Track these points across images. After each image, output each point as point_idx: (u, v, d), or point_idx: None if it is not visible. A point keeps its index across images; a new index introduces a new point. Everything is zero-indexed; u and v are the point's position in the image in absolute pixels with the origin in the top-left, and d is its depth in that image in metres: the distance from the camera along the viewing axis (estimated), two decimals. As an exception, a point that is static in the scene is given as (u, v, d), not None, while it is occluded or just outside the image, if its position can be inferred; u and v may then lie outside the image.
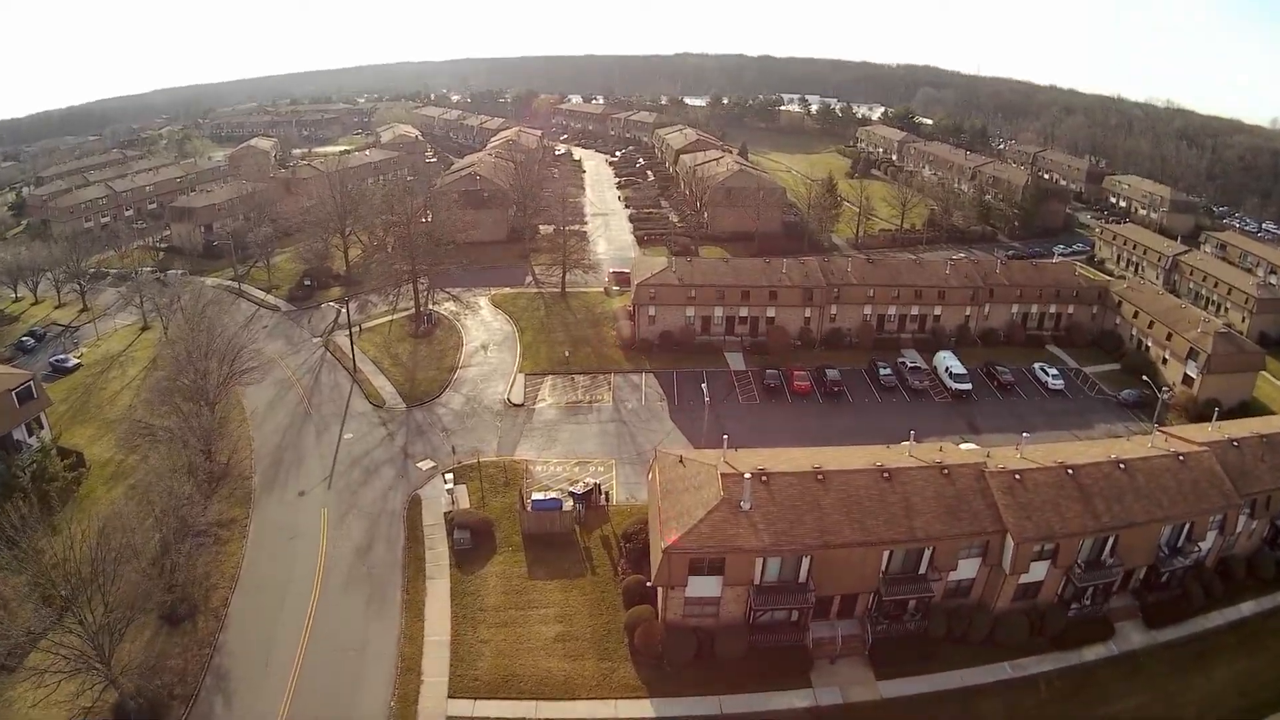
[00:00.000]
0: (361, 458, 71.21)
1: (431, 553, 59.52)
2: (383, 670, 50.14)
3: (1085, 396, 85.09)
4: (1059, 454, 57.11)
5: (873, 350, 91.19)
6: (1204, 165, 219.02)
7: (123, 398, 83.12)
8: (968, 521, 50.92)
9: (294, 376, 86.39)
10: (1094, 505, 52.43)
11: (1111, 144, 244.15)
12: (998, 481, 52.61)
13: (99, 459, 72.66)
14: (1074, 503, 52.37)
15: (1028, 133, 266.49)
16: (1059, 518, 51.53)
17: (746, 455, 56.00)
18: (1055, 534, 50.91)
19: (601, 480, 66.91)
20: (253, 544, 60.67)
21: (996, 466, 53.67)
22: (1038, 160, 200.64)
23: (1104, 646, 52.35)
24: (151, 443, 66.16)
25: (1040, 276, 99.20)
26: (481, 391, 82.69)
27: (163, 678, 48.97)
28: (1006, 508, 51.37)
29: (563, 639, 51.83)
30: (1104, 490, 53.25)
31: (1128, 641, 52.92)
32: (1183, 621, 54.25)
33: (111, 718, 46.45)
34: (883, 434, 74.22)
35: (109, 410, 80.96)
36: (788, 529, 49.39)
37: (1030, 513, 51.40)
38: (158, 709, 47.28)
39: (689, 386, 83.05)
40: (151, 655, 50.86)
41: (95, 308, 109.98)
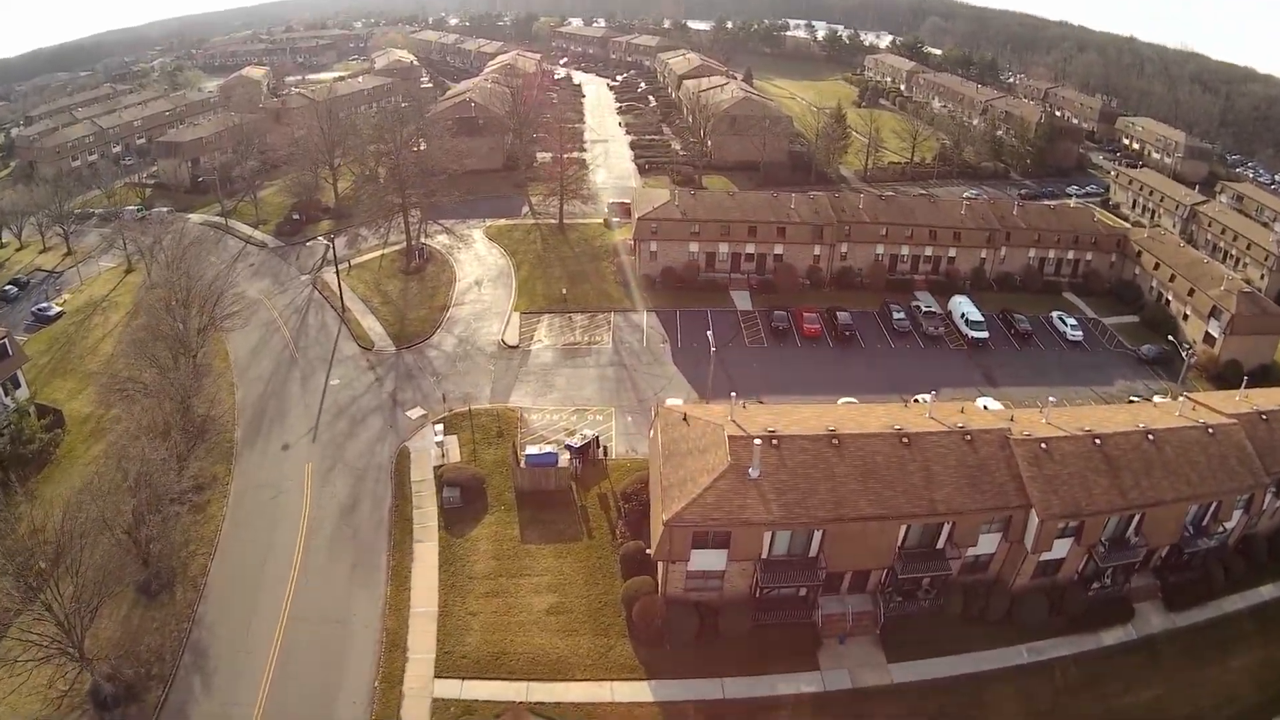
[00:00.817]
0: (348, 406, 65.38)
1: (419, 512, 54.22)
2: (367, 645, 45.52)
3: (1104, 350, 78.79)
4: (1085, 419, 51.30)
5: (885, 292, 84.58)
6: (1217, 111, 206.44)
7: (104, 346, 76.86)
8: (991, 494, 45.39)
9: (280, 318, 79.96)
10: (1121, 480, 46.84)
11: (1124, 84, 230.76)
12: (1023, 450, 46.91)
13: (78, 415, 66.95)
14: (1101, 476, 46.74)
15: (1038, 68, 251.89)
16: (1085, 493, 46.04)
17: (755, 412, 50.17)
18: (1081, 511, 45.56)
19: (600, 432, 61.19)
20: (234, 505, 55.48)
21: (1021, 433, 47.86)
22: (1049, 97, 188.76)
23: (1123, 630, 47.71)
24: (128, 399, 60.36)
25: (1058, 221, 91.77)
26: (474, 332, 76.32)
27: (139, 656, 44.32)
28: (1032, 480, 45.79)
29: (556, 611, 46.88)
30: (1132, 463, 47.58)
31: (1147, 625, 48.23)
32: (1203, 604, 49.32)
33: (89, 703, 41.95)
34: (896, 383, 68.84)
35: (90, 361, 74.78)
36: (799, 500, 43.77)
37: (1056, 486, 45.87)
38: (135, 691, 42.89)
39: (693, 327, 76.79)
40: (128, 632, 46.26)
41: (80, 251, 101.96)
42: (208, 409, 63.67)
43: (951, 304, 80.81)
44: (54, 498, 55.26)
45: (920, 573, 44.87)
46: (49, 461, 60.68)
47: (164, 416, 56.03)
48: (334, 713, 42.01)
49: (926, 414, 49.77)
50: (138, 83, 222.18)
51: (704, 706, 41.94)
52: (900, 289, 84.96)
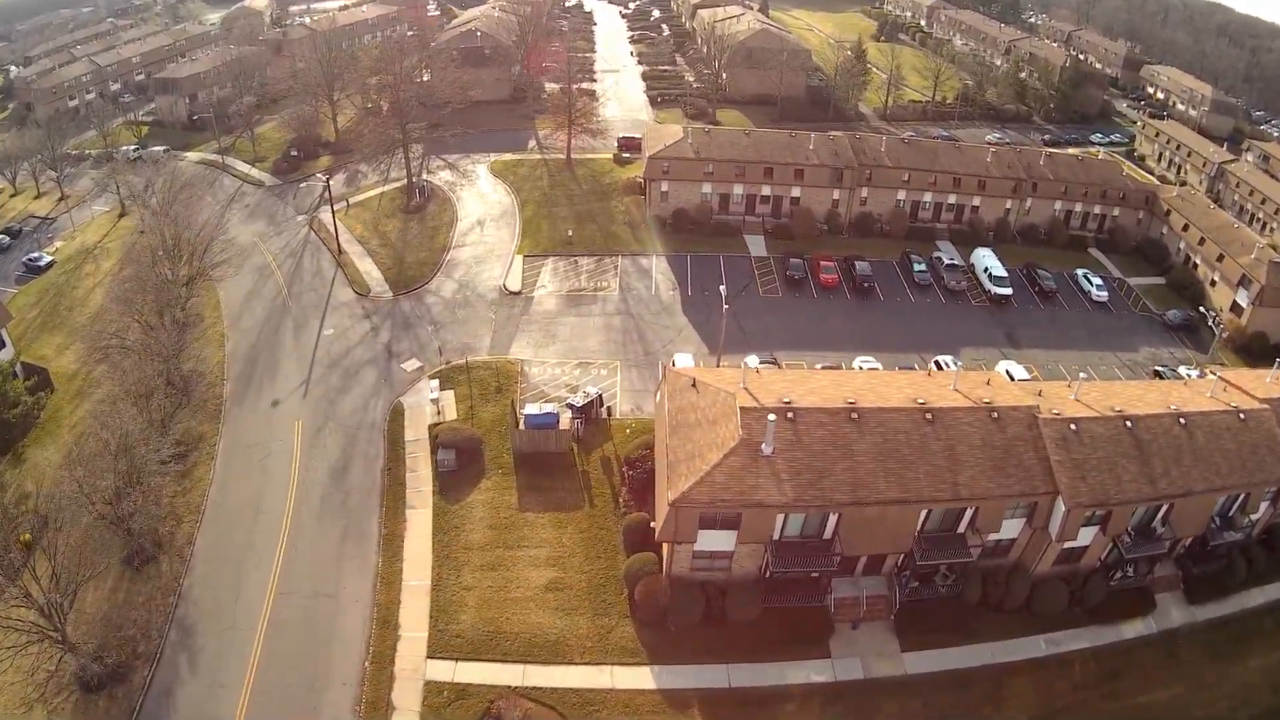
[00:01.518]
0: (341, 358, 60.79)
1: (413, 475, 50.21)
2: (357, 621, 42.28)
3: (1129, 313, 73.07)
4: (1115, 396, 46.30)
5: (905, 240, 78.48)
6: (1243, 66, 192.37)
7: (94, 298, 71.60)
8: (1017, 479, 40.97)
9: (274, 262, 74.67)
10: (1151, 467, 42.32)
11: (1148, 31, 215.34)
12: (1052, 431, 42.20)
13: (65, 372, 62.60)
14: (1131, 462, 42.20)
15: (1061, 9, 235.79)
16: (1115, 480, 41.57)
17: (769, 378, 45.32)
18: (1110, 500, 41.19)
19: (604, 388, 56.64)
20: (221, 467, 51.56)
21: (1050, 412, 43.06)
22: (1072, 40, 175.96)
23: (1143, 623, 44.07)
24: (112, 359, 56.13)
25: (1086, 173, 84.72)
26: (475, 276, 70.99)
27: (125, 634, 41.19)
28: (1060, 464, 41.27)
29: (555, 588, 43.19)
30: (1162, 449, 42.96)
31: (1167, 618, 44.49)
32: (1225, 598, 45.45)
33: (75, 687, 39.01)
34: (916, 341, 63.90)
35: (79, 313, 69.89)
36: (815, 480, 39.31)
37: (1085, 472, 41.38)
38: (121, 672, 39.87)
39: (704, 273, 71.39)
40: (114, 606, 43.17)
41: (73, 196, 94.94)
42: (195, 364, 59.14)
43: (974, 257, 74.93)
44: (42, 462, 51.68)
45: (940, 559, 40.86)
46: (34, 425, 56.61)
47: (147, 379, 51.60)
48: (323, 696, 38.97)
49: (950, 385, 44.83)
50: (139, 17, 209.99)
51: (708, 696, 38.61)
52: (921, 237, 78.90)
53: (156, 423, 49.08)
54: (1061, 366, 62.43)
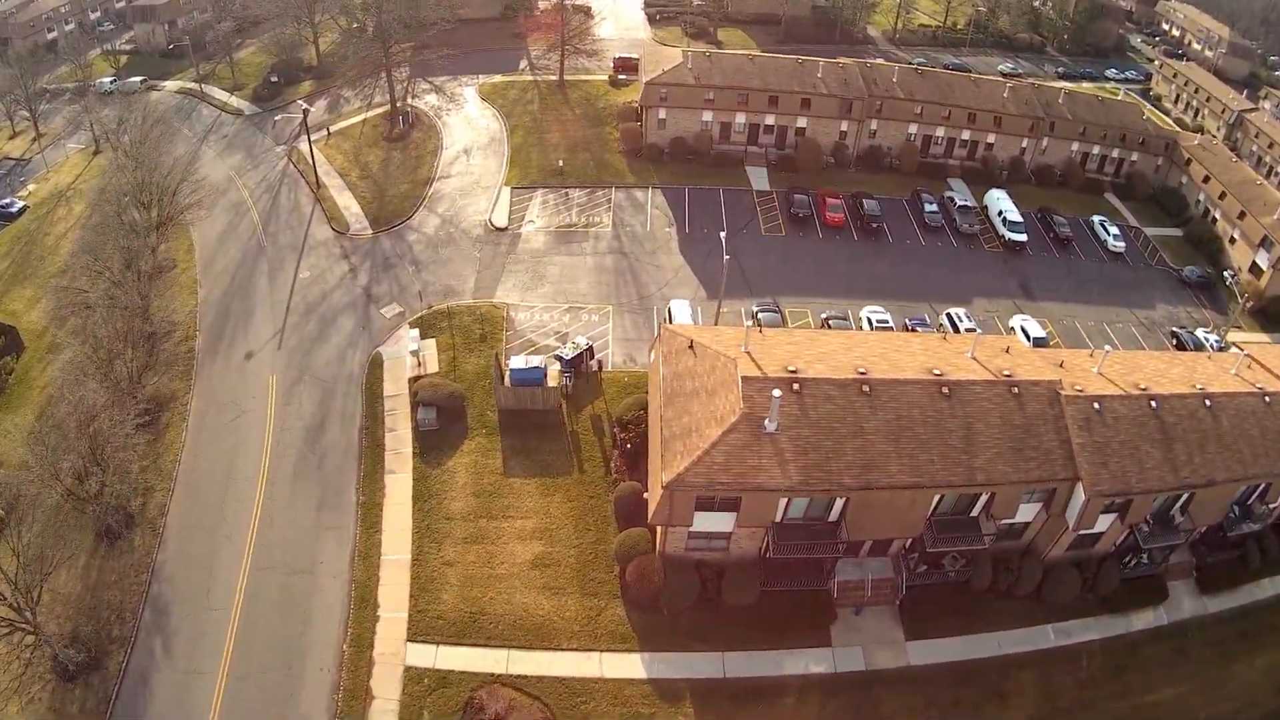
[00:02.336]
0: (318, 304, 55.26)
1: (392, 435, 45.69)
2: (335, 600, 38.66)
3: (1146, 266, 67.50)
4: (1139, 370, 41.71)
5: (915, 177, 71.81)
6: (1259, 9, 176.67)
7: (65, 244, 64.76)
8: (1036, 463, 36.74)
9: (250, 198, 67.75)
10: (1175, 453, 38.12)
11: None
12: (1074, 410, 37.69)
13: (36, 328, 56.60)
14: (1155, 447, 37.95)
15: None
16: (1137, 467, 37.39)
17: (773, 340, 40.27)
18: (1131, 488, 37.13)
19: (595, 336, 51.73)
20: (193, 429, 46.91)
21: (1073, 388, 38.43)
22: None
23: (1154, 614, 40.74)
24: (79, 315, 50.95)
25: (1106, 115, 77.34)
26: (460, 211, 64.59)
27: (99, 615, 37.80)
28: (1082, 448, 36.97)
29: (542, 564, 39.33)
30: (1186, 433, 38.71)
31: (1178, 609, 41.30)
32: (1237, 588, 42.15)
33: (52, 675, 35.76)
34: (927, 288, 58.83)
35: (50, 263, 63.11)
36: (822, 461, 34.89)
37: (1107, 457, 37.15)
38: (97, 657, 36.53)
39: (703, 208, 65.32)
40: (87, 585, 39.61)
41: (48, 134, 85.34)
42: (166, 314, 53.78)
43: (988, 199, 68.59)
44: (12, 429, 46.91)
45: (951, 545, 37.02)
46: (3, 389, 51.32)
47: (112, 340, 46.45)
48: (301, 682, 35.73)
49: (968, 352, 39.84)
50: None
51: (701, 687, 35.38)
52: (932, 174, 72.33)
53: (124, 386, 44.26)
54: (1077, 323, 57.67)
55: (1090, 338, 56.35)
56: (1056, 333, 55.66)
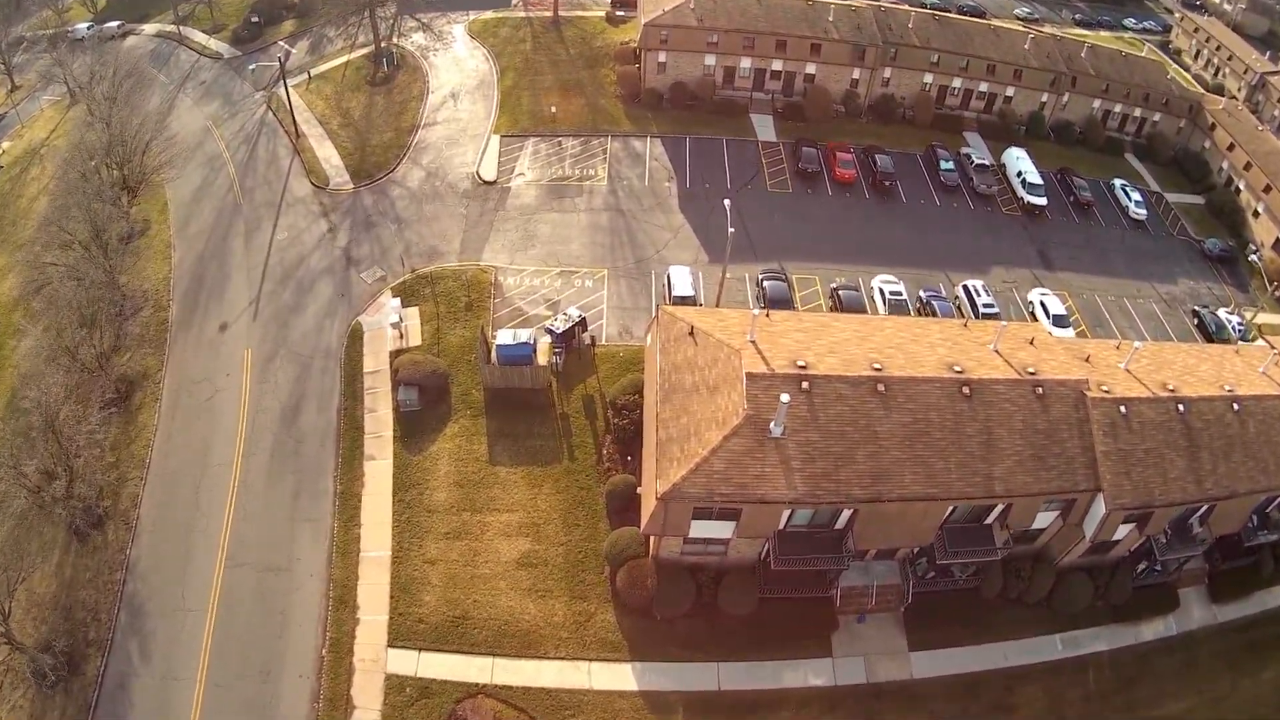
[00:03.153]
0: (295, 268, 50.48)
1: (372, 417, 41.85)
2: (313, 599, 35.69)
3: (1168, 236, 62.35)
4: (1167, 367, 37.59)
5: (930, 130, 65.82)
6: None
7: (39, 206, 58.92)
8: (1058, 472, 33.06)
9: (227, 151, 61.57)
10: (1200, 462, 34.44)
11: None
12: (1100, 414, 33.74)
13: (7, 300, 51.84)
14: (1180, 455, 34.24)
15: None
16: (1160, 478, 33.76)
17: (780, 325, 35.76)
18: (1154, 500, 33.57)
19: (587, 306, 47.18)
20: (166, 410, 43.05)
21: (1100, 389, 34.42)
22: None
23: (1164, 623, 38.03)
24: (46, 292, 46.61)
25: (1130, 72, 70.69)
26: (445, 162, 58.84)
27: (75, 617, 35.15)
28: (1105, 455, 33.23)
29: (528, 563, 36.11)
30: (1212, 440, 34.94)
31: (1188, 618, 38.52)
32: (1248, 596, 39.22)
33: (31, 681, 33.25)
34: (942, 255, 54.23)
35: (23, 227, 57.54)
36: (831, 470, 31.11)
37: (1130, 466, 33.46)
38: (75, 661, 34.00)
39: (704, 159, 59.67)
40: (62, 584, 36.78)
41: (25, 86, 77.49)
42: (139, 282, 49.39)
43: (1006, 157, 62.89)
44: None
45: (963, 556, 33.56)
46: None
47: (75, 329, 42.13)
48: (279, 689, 33.12)
49: (991, 344, 35.47)
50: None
51: (695, 699, 32.66)
52: (948, 127, 66.35)
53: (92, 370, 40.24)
54: (1097, 298, 53.33)
55: (1111, 315, 52.21)
56: (1076, 308, 51.35)
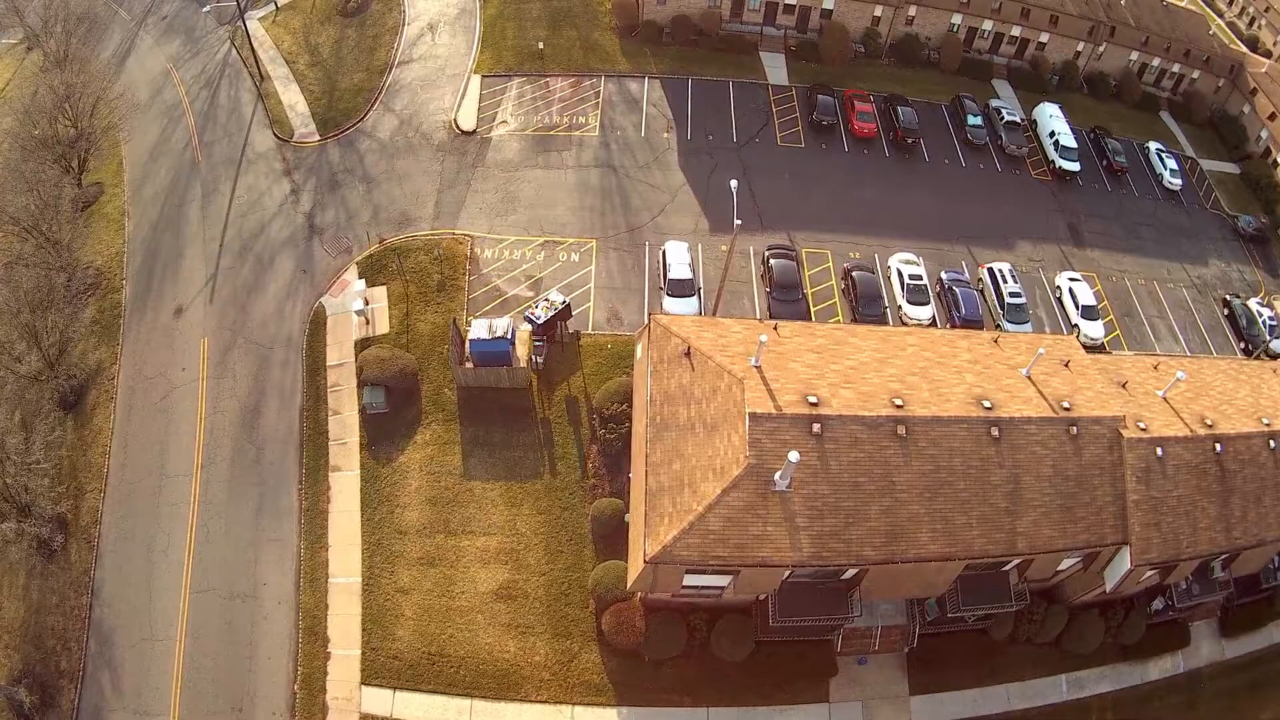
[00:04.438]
0: (254, 239, 44.01)
1: (336, 420, 36.99)
2: (283, 630, 32.15)
3: (1200, 209, 55.21)
4: (1205, 393, 33.02)
5: (957, 76, 57.32)
6: None
7: None
8: (1085, 524, 28.75)
9: (187, 97, 53.12)
10: (1230, 509, 30.31)
11: None
12: (1135, 457, 29.22)
13: None
14: (1211, 502, 30.04)
15: None
16: (1190, 528, 29.64)
17: (790, 343, 30.61)
18: (1181, 553, 29.52)
19: (574, 286, 41.36)
20: (121, 410, 38.01)
21: (1136, 426, 29.73)
22: None
23: (1172, 661, 34.89)
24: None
25: (1171, 25, 61.60)
26: (420, 108, 50.82)
27: (45, 645, 32.07)
28: (1136, 505, 28.95)
29: (508, 595, 32.29)
30: (1245, 483, 30.72)
31: (1197, 655, 35.44)
32: (1258, 630, 36.05)
33: (8, 711, 30.70)
34: (966, 228, 47.96)
35: None
36: (841, 528, 26.69)
37: (1160, 516, 29.25)
38: (50, 693, 31.11)
39: (708, 105, 51.93)
40: (29, 608, 33.39)
41: None
42: (91, 258, 43.29)
43: (1039, 114, 54.93)
44: None
45: (977, 607, 29.78)
46: None
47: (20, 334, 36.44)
48: (252, 729, 29.92)
49: (1024, 369, 30.18)
50: None
51: (683, 752, 29.44)
52: (976, 73, 57.89)
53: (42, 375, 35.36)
54: (1127, 281, 47.53)
55: (1141, 302, 46.67)
56: (1105, 294, 45.75)
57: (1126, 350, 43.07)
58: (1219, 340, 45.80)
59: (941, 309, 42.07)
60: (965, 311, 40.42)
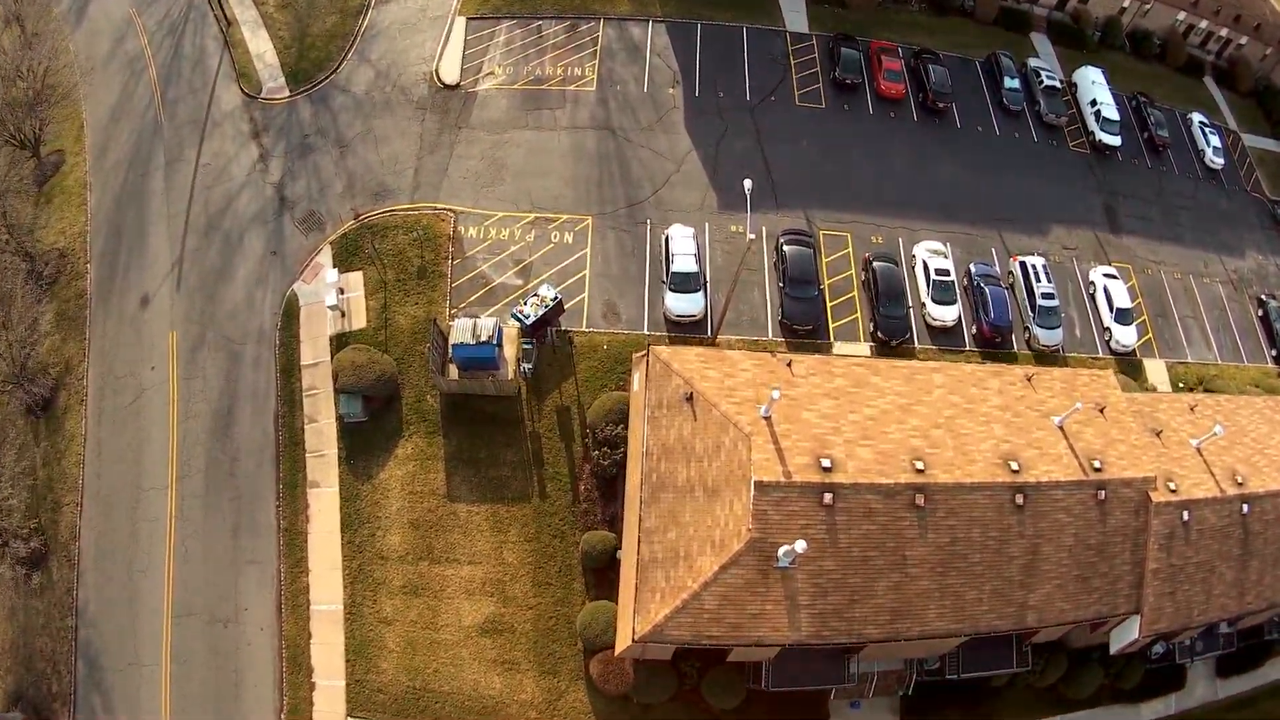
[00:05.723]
0: (221, 215, 38.68)
1: (312, 429, 33.42)
2: (266, 659, 30.30)
3: (1240, 191, 48.81)
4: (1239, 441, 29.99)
5: (993, 27, 49.42)
6: None
7: None
8: (1100, 594, 26.36)
9: (149, 47, 45.43)
10: (1248, 572, 28.18)
11: None
12: (1161, 522, 26.42)
13: None
14: (1230, 566, 27.81)
15: None
16: (1204, 595, 27.48)
17: (807, 388, 26.76)
18: (1191, 622, 27.40)
19: (566, 274, 36.58)
20: (93, 414, 34.44)
21: (1166, 487, 26.69)
22: None
23: (1164, 703, 32.99)
24: None
25: None
26: (399, 57, 43.70)
27: (36, 668, 30.81)
28: (1154, 574, 26.50)
29: (494, 629, 30.11)
30: (1266, 545, 28.48)
31: (1190, 696, 33.57)
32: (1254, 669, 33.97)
33: None
34: (999, 206, 42.63)
35: None
36: (845, 605, 24.25)
37: (1176, 585, 26.91)
38: (43, 716, 30.16)
39: (718, 55, 44.83)
40: (17, 629, 31.94)
41: None
42: (53, 238, 38.47)
43: (1080, 78, 47.56)
44: None
45: (982, 670, 27.37)
46: None
47: None
48: (239, 764, 28.71)
49: (1058, 419, 26.43)
50: None
51: (668, 799, 28.18)
52: (1014, 24, 49.86)
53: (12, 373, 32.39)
54: (1163, 274, 42.54)
55: (1175, 299, 41.89)
56: (1140, 290, 40.85)
57: (1157, 356, 39.14)
58: (1251, 345, 41.60)
59: (968, 307, 37.46)
60: (994, 316, 35.94)
